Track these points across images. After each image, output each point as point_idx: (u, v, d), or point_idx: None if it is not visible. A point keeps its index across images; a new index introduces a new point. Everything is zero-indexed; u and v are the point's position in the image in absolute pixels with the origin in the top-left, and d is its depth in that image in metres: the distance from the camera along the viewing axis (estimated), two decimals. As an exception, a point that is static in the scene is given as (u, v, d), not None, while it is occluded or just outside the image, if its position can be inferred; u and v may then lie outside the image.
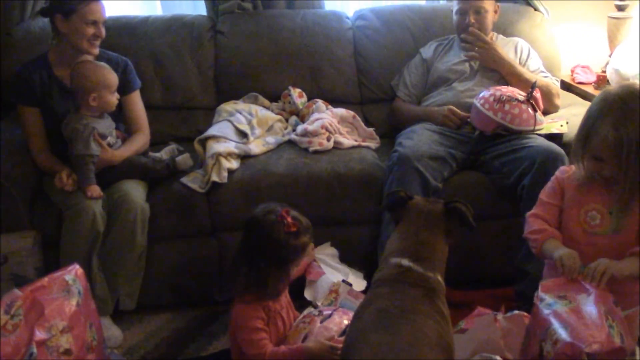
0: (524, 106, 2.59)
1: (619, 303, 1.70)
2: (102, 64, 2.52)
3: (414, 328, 1.53)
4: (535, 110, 2.61)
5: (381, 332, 1.52)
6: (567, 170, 1.94)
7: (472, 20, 2.89)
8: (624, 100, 1.73)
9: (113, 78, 2.49)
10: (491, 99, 2.60)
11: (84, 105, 2.43)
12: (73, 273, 1.85)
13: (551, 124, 2.69)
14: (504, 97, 2.58)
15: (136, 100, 2.71)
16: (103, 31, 2.52)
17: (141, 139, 2.66)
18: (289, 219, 1.89)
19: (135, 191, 2.44)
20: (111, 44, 2.79)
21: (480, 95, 2.69)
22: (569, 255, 1.78)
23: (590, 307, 1.63)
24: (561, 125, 2.66)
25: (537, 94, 2.65)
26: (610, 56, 3.15)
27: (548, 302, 1.70)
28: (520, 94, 2.63)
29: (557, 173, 1.98)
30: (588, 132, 1.76)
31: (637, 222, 1.81)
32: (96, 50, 2.54)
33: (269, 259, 1.89)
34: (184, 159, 2.59)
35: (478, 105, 2.64)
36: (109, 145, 2.49)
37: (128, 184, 2.45)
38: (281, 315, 2.01)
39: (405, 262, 1.70)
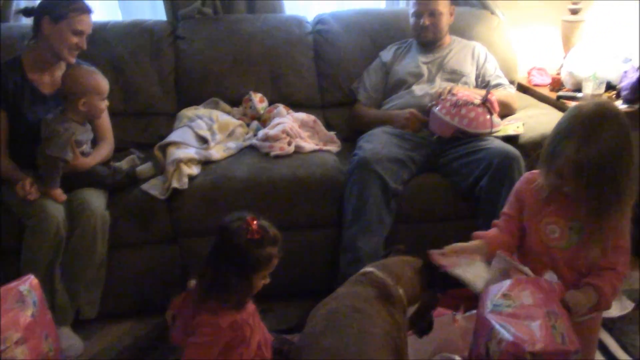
0: (480, 109, 2.63)
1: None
2: (95, 69, 2.53)
3: (360, 328, 1.57)
4: (491, 113, 2.65)
5: (329, 335, 1.56)
6: (530, 179, 1.93)
7: (427, 23, 2.93)
8: (592, 121, 1.70)
9: (105, 85, 2.49)
10: (447, 103, 2.64)
11: (71, 109, 2.42)
12: (28, 284, 1.83)
13: (507, 126, 2.74)
14: (460, 102, 2.62)
15: None
16: (85, 43, 2.52)
17: (106, 148, 2.65)
18: (254, 226, 1.85)
19: (95, 198, 2.42)
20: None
21: (440, 100, 2.71)
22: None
23: (532, 308, 1.66)
24: (517, 127, 2.71)
25: (492, 97, 2.70)
26: (564, 58, 3.21)
27: (492, 303, 1.73)
28: (476, 98, 2.67)
29: (517, 184, 1.99)
30: (555, 149, 1.75)
31: (597, 239, 1.81)
32: (73, 60, 2.54)
33: (231, 265, 1.86)
34: (146, 169, 2.57)
35: (435, 110, 2.67)
36: (82, 153, 2.48)
37: (87, 192, 2.43)
38: (248, 323, 1.99)
39: (369, 268, 1.80)
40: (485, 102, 2.64)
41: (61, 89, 2.46)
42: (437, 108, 2.67)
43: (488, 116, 2.64)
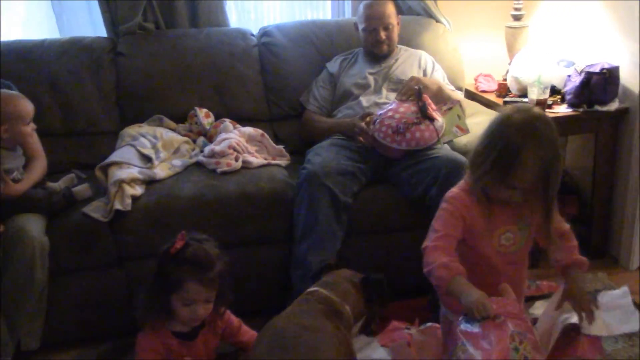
0: (422, 126, 2.56)
1: None
2: (16, 93, 2.41)
3: (310, 346, 1.55)
4: (432, 120, 2.59)
5: (278, 355, 1.53)
6: (463, 197, 1.84)
7: (383, 37, 2.93)
8: (532, 126, 1.70)
9: (26, 108, 2.39)
10: (389, 131, 2.56)
11: None
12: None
13: (449, 119, 2.68)
14: (401, 126, 2.54)
15: None
16: None
17: (39, 165, 2.53)
18: (178, 241, 1.85)
19: (33, 224, 2.31)
20: (4, 71, 2.66)
21: (377, 124, 2.61)
22: (480, 304, 1.65)
23: (498, 327, 1.63)
24: (459, 122, 2.67)
25: (428, 100, 2.63)
26: (509, 64, 3.24)
27: (465, 320, 1.70)
28: (412, 113, 2.58)
29: (449, 206, 1.85)
30: (508, 166, 1.69)
31: (546, 227, 1.84)
32: None
33: (151, 279, 1.91)
34: (83, 189, 2.49)
35: (380, 139, 2.60)
36: (14, 180, 2.37)
37: (24, 218, 2.32)
38: (182, 355, 1.95)
39: (314, 287, 1.83)
40: (425, 114, 2.57)
41: None
42: (381, 137, 2.58)
43: (431, 126, 2.59)
